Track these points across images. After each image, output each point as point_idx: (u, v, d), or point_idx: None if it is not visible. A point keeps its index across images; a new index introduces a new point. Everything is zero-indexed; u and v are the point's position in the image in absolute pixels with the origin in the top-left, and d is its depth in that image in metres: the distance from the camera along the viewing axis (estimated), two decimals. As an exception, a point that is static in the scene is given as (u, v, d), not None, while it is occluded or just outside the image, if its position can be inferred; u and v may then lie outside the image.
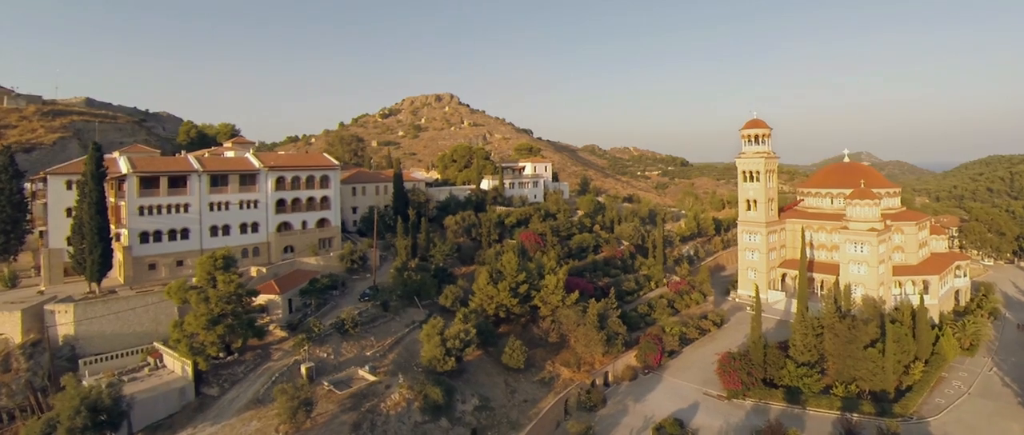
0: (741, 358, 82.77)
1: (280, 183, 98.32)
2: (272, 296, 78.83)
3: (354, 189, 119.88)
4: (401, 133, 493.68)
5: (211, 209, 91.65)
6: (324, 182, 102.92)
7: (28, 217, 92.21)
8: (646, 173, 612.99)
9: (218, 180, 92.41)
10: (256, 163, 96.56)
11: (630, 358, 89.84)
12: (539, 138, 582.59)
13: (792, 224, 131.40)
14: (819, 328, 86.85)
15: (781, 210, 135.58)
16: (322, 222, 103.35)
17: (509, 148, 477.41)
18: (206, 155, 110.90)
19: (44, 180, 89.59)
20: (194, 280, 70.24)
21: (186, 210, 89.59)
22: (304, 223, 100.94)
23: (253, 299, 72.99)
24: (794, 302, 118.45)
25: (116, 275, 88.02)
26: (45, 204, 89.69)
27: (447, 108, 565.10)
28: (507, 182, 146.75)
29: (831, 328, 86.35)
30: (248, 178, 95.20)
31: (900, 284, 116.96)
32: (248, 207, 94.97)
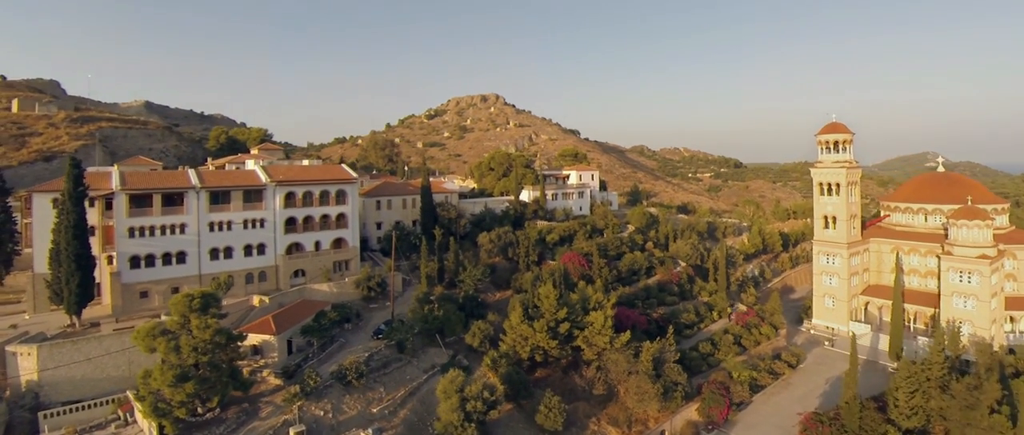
0: (831, 422, 67.15)
1: (290, 199, 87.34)
2: (267, 337, 67.30)
3: (378, 203, 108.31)
4: (447, 134, 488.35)
5: (211, 229, 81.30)
6: (340, 197, 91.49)
7: (16, 237, 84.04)
8: (697, 175, 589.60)
9: (219, 197, 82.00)
10: (263, 177, 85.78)
11: (691, 412, 74.82)
12: (586, 139, 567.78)
13: (878, 245, 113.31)
14: (926, 382, 70.22)
15: (862, 226, 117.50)
16: (338, 242, 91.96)
17: (555, 149, 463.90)
18: (211, 168, 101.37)
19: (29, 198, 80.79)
20: (167, 321, 59.19)
21: (182, 231, 79.41)
22: (317, 244, 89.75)
23: (241, 343, 61.59)
24: (881, 338, 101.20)
25: (107, 301, 78.56)
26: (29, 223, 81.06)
27: (493, 108, 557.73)
28: (549, 193, 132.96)
29: (940, 383, 69.85)
30: (253, 194, 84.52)
31: (1012, 320, 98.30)
32: (253, 226, 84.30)
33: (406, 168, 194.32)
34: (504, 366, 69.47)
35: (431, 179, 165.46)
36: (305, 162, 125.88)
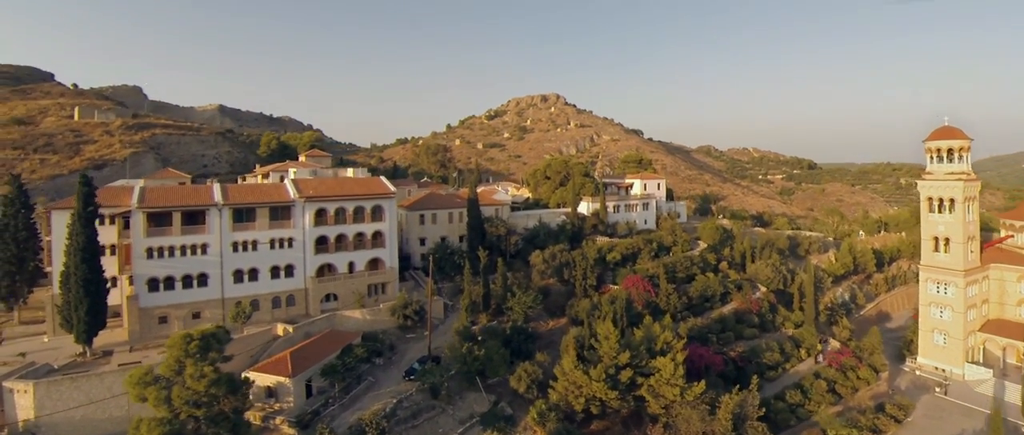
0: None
1: (321, 216, 79.46)
2: (281, 379, 59.02)
3: (421, 217, 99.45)
4: (507, 135, 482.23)
5: (235, 249, 74.31)
6: (376, 213, 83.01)
7: (40, 253, 79.59)
8: (768, 177, 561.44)
9: (243, 214, 74.90)
10: (291, 192, 78.21)
11: (779, 480, 61.98)
12: (649, 139, 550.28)
13: (1000, 272, 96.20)
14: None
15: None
16: (374, 263, 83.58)
17: (618, 150, 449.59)
18: (258, 176, 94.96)
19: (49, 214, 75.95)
20: (160, 366, 51.56)
21: (204, 251, 72.68)
22: (351, 265, 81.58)
23: (249, 388, 53.45)
24: (1008, 386, 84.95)
25: (127, 324, 72.61)
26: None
27: (553, 109, 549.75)
28: (611, 205, 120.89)
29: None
30: (281, 211, 77.06)
31: None
32: (281, 246, 76.84)
33: (456, 175, 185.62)
34: (553, 421, 58.75)
35: (482, 188, 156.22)
36: (350, 171, 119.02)
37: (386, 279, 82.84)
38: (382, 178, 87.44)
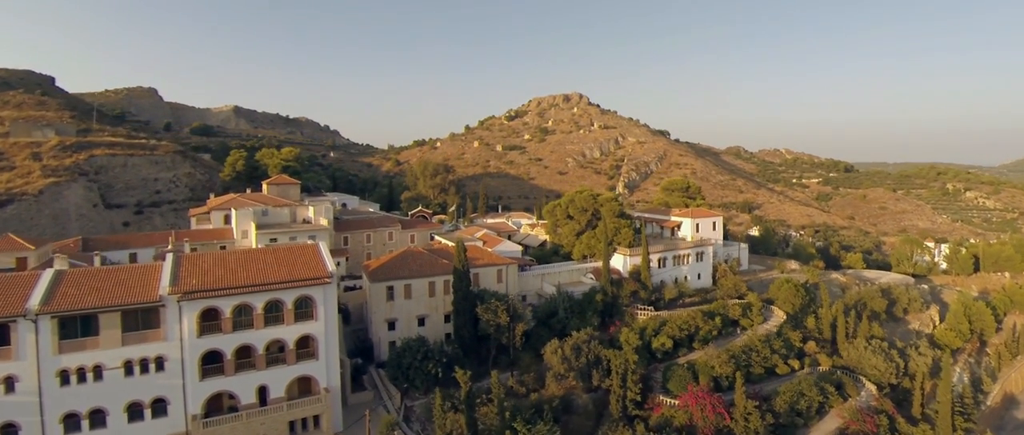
0: None
1: (211, 319, 50.44)
2: None
3: (390, 291, 70.06)
4: (527, 137, 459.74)
5: (65, 381, 45.94)
6: (303, 309, 53.74)
7: None
8: (803, 181, 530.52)
9: (77, 326, 46.41)
10: (163, 284, 49.21)
11: None
12: (677, 141, 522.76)
13: None
14: None
15: None
16: (301, 386, 54.60)
17: (644, 153, 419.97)
18: (191, 220, 66.29)
19: None
20: None
21: (11, 388, 44.49)
22: (262, 392, 52.61)
23: None
24: None
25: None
26: None
27: (576, 109, 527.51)
28: (654, 257, 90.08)
29: None
30: (142, 316, 48.22)
31: None
32: (143, 371, 48.20)
33: (457, 205, 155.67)
34: None
35: (490, 219, 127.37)
36: (311, 210, 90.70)
37: (319, 410, 53.62)
38: (320, 246, 58.02)
